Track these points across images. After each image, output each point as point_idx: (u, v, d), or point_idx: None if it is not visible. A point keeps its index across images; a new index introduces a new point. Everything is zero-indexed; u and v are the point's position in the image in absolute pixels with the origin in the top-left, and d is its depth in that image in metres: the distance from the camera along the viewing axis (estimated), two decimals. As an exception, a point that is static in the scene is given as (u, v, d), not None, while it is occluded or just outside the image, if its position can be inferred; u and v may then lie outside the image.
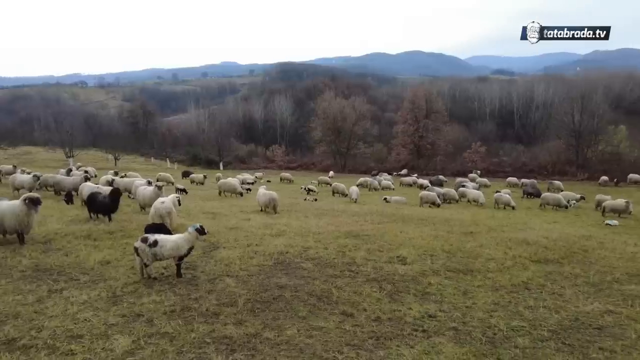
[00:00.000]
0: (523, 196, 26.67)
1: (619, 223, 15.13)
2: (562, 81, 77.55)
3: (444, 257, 8.07)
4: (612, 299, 5.74)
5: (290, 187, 33.44)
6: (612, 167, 42.91)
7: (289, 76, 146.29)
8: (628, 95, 75.44)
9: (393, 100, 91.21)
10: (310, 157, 65.05)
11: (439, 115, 58.09)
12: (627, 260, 8.35)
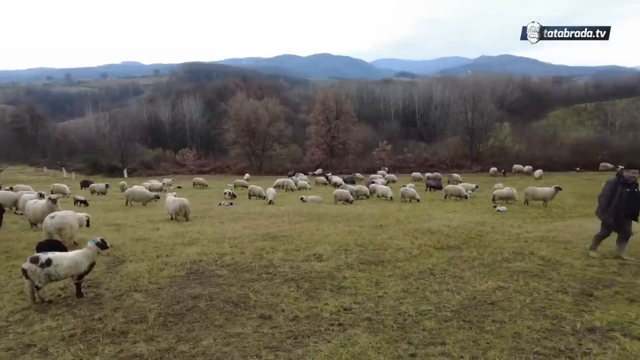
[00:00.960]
0: (426, 189, 28.83)
1: (507, 209, 17.06)
2: (456, 83, 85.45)
3: (357, 251, 8.41)
4: (502, 277, 6.46)
5: (204, 192, 32.23)
6: (500, 160, 48.53)
7: (198, 76, 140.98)
8: (509, 96, 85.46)
9: (305, 101, 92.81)
10: (225, 160, 63.33)
11: (349, 116, 60.28)
12: (514, 241, 9.44)
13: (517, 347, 4.02)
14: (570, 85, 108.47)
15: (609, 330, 4.41)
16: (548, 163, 44.60)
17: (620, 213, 7.50)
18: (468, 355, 3.88)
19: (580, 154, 46.80)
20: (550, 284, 6.04)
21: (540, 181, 31.16)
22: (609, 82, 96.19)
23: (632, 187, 7.50)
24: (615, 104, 68.70)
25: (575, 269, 6.82)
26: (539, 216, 14.97)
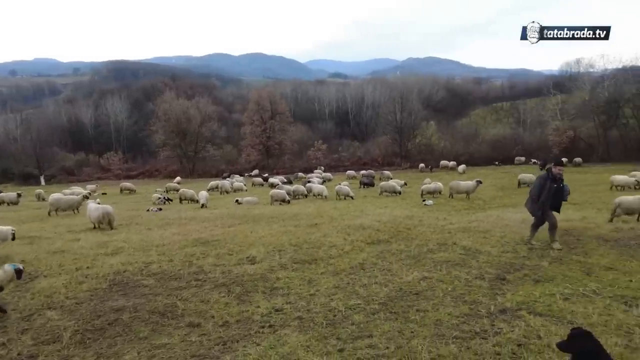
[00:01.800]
0: (360, 187, 29.66)
1: (434, 202, 18.06)
2: (386, 84, 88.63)
3: (291, 250, 8.42)
4: (426, 267, 6.81)
5: (131, 198, 30.47)
6: (427, 156, 51.33)
7: (123, 75, 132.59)
8: (434, 96, 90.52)
9: (239, 101, 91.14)
10: (154, 163, 60.39)
11: (284, 116, 60.28)
12: (438, 232, 9.99)
13: (439, 334, 4.26)
14: (488, 86, 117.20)
15: (517, 309, 4.82)
16: (470, 158, 48.08)
17: (547, 206, 7.97)
18: (393, 345, 4.03)
19: (498, 149, 50.92)
20: (470, 271, 6.48)
21: (463, 175, 33.36)
22: (521, 84, 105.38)
23: (559, 182, 7.94)
24: (526, 103, 75.45)
25: (492, 256, 7.38)
26: (462, 208, 16.01)
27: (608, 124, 46.24)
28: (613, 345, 3.84)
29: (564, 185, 8.00)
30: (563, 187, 7.96)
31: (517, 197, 18.92)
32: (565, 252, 7.42)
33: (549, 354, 3.69)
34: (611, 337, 4.02)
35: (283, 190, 22.85)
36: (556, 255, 7.30)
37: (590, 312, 4.67)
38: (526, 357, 3.69)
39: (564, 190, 7.98)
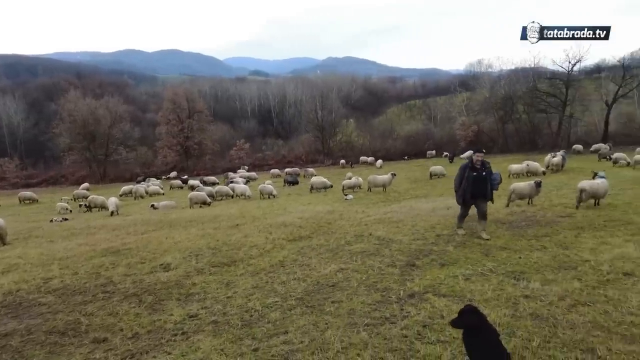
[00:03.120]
0: (284, 185, 29.69)
1: (354, 197, 18.65)
2: (307, 82, 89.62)
3: (209, 254, 8.17)
4: (343, 259, 7.03)
5: (32, 209, 27.43)
6: (348, 153, 52.92)
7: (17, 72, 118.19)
8: (353, 95, 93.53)
9: (154, 100, 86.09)
10: (59, 169, 54.77)
11: (203, 115, 58.09)
12: (356, 225, 10.36)
13: (351, 322, 4.42)
14: (402, 85, 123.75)
15: (424, 293, 5.17)
16: (387, 154, 50.55)
17: (467, 194, 7.92)
18: (307, 339, 4.10)
19: (412, 144, 54.16)
20: (383, 260, 6.81)
21: (381, 170, 34.90)
22: (432, 83, 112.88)
23: (479, 170, 7.85)
24: (436, 100, 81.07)
25: (403, 244, 7.82)
26: (379, 201, 16.74)
27: (505, 119, 51.27)
28: (502, 315, 4.29)
29: (492, 173, 7.97)
30: (491, 175, 7.93)
31: (428, 188, 20.30)
32: (468, 237, 8.10)
33: (449, 332, 4.00)
34: (501, 309, 4.48)
35: (203, 192, 22.09)
36: (460, 239, 7.95)
37: (486, 288, 5.16)
38: (430, 337, 3.97)
39: (492, 179, 7.92)
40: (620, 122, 48.83)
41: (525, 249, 7.00)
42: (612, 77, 48.92)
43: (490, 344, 2.88)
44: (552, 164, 22.88)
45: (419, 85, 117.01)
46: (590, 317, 4.16)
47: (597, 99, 50.72)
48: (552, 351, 3.56)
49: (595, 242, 7.09)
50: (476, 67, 69.78)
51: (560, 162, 22.80)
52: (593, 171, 12.45)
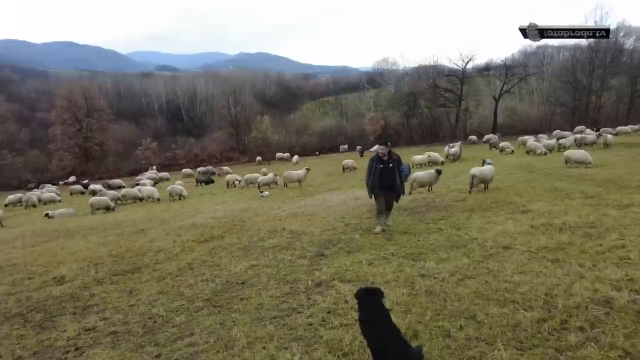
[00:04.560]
0: (197, 184, 28.61)
1: (270, 193, 18.61)
2: (218, 78, 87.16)
3: (110, 262, 7.60)
4: (255, 256, 7.01)
5: None
6: (264, 150, 52.62)
7: None
8: (267, 91, 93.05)
9: (46, 97, 77.05)
10: None
11: (104, 113, 53.56)
12: (270, 221, 10.37)
13: (259, 317, 4.43)
14: (316, 82, 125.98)
15: (331, 280, 5.37)
16: (303, 149, 51.27)
17: (376, 186, 7.79)
18: (213, 338, 4.04)
19: (326, 140, 55.62)
20: (294, 252, 6.92)
21: (297, 165, 35.26)
22: (342, 80, 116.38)
23: (385, 162, 7.72)
24: (347, 97, 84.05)
25: (314, 236, 8.02)
26: (294, 195, 16.92)
27: (409, 113, 54.92)
28: (400, 295, 4.61)
29: (401, 165, 7.86)
30: (400, 167, 7.80)
31: (341, 181, 21.00)
32: (372, 223, 8.55)
33: (352, 315, 4.20)
34: (400, 288, 4.82)
35: (106, 196, 20.42)
36: (367, 227, 8.37)
37: (387, 271, 5.50)
38: (333, 322, 4.14)
39: (400, 170, 7.79)
40: (506, 115, 55.02)
41: (424, 232, 7.60)
42: (498, 75, 54.82)
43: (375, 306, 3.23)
44: (450, 154, 25.06)
45: (331, 82, 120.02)
46: (474, 288, 4.65)
47: (488, 94, 56.51)
48: (442, 322, 3.91)
49: (482, 222, 7.93)
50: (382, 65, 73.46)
51: (457, 152, 25.06)
52: (483, 159, 13.87)
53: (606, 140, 22.91)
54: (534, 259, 5.43)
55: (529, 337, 3.48)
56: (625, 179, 11.34)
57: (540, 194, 10.40)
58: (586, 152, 16.10)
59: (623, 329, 3.45)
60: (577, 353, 3.18)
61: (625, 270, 4.69)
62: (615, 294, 4.09)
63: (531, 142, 25.27)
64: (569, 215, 7.68)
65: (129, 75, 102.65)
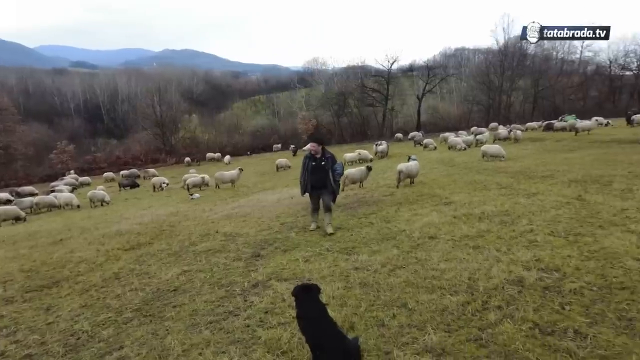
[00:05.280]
0: (120, 189, 26.86)
1: (201, 195, 18.00)
2: (142, 75, 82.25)
3: (22, 278, 6.89)
4: (187, 261, 6.75)
5: None
6: (193, 150, 50.77)
7: None
8: (195, 89, 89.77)
9: None
10: None
11: (9, 113, 48.13)
12: (202, 224, 10.05)
13: (194, 323, 4.29)
14: (246, 80, 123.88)
15: (267, 280, 5.34)
16: (234, 149, 50.34)
17: (308, 184, 7.64)
18: (145, 349, 3.83)
19: (258, 139, 55.14)
20: (229, 255, 6.78)
21: (229, 166, 34.52)
22: (273, 79, 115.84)
23: (318, 160, 7.55)
24: (279, 96, 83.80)
25: (250, 237, 7.92)
26: (227, 197, 16.54)
27: (340, 113, 56.15)
28: (336, 289, 4.71)
29: (335, 164, 7.62)
30: (333, 166, 7.57)
31: (275, 181, 20.93)
32: (308, 220, 8.63)
33: (289, 313, 4.22)
34: (335, 282, 4.92)
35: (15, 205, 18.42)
36: (302, 225, 8.43)
37: (322, 267, 5.60)
38: (271, 321, 4.12)
39: (333, 169, 7.56)
40: (429, 113, 58.43)
41: (356, 226, 7.83)
42: (421, 75, 58.03)
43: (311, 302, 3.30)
44: (378, 151, 26.05)
45: (262, 80, 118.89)
46: (404, 277, 4.89)
47: (412, 93, 59.54)
48: (376, 312, 4.07)
49: (410, 214, 8.35)
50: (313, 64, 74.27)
51: (385, 150, 26.11)
52: (408, 155, 14.61)
53: (516, 135, 25.23)
54: (458, 247, 5.83)
55: (455, 320, 3.74)
56: (532, 170, 12.58)
57: (460, 187, 11.19)
58: (500, 147, 17.60)
59: (532, 304, 3.84)
60: (496, 329, 3.48)
61: (534, 252, 5.22)
62: (526, 274, 4.54)
63: (452, 138, 27.10)
64: (487, 205, 8.35)
65: (38, 71, 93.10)
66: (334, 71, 67.31)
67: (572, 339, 3.24)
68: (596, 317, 3.53)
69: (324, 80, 64.99)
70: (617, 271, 4.39)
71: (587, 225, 6.18)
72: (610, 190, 8.48)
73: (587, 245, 5.29)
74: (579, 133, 25.24)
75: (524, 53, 58.29)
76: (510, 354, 3.12)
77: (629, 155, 13.84)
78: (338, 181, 7.73)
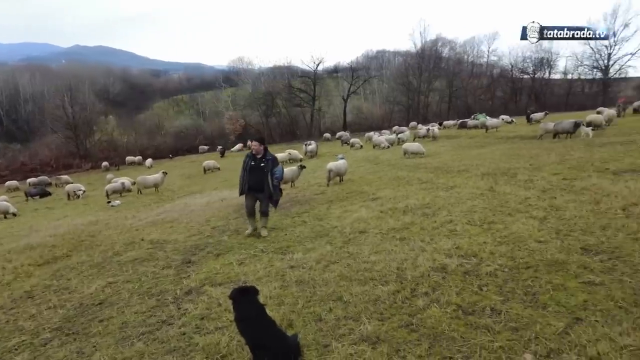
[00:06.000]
0: (27, 199, 24.24)
1: (122, 202, 16.89)
2: (49, 73, 74.81)
3: None
4: (111, 272, 6.33)
5: None
6: (111, 154, 47.30)
7: None
8: (111, 89, 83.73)
9: None
10: None
11: None
12: (126, 232, 9.45)
13: (124, 336, 4.06)
14: (167, 79, 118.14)
15: (201, 286, 5.20)
16: (157, 151, 47.84)
17: (245, 184, 7.31)
18: (70, 369, 3.57)
19: (182, 140, 52.95)
20: (157, 263, 6.48)
21: (152, 169, 32.76)
22: (197, 77, 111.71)
23: (258, 160, 7.23)
24: (204, 95, 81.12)
25: (179, 243, 7.63)
26: (152, 202, 15.72)
27: (268, 113, 55.90)
28: (273, 289, 4.74)
29: (275, 166, 7.25)
30: (272, 169, 7.21)
31: (203, 183, 20.30)
32: (241, 223, 8.53)
33: (227, 317, 4.16)
34: (272, 283, 4.95)
35: None
36: (235, 228, 8.31)
37: (258, 268, 5.58)
38: (208, 327, 4.04)
39: (272, 172, 7.20)
40: (354, 114, 60.34)
41: (290, 226, 7.91)
42: (346, 76, 59.73)
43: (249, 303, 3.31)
44: (308, 151, 26.37)
45: (185, 79, 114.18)
46: (338, 272, 5.05)
47: (337, 94, 61.05)
48: (313, 308, 4.17)
49: (340, 211, 8.61)
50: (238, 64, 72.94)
51: (314, 149, 26.50)
52: (336, 154, 15.02)
53: (434, 133, 26.99)
54: (386, 239, 6.15)
55: (387, 308, 3.97)
56: (449, 166, 13.58)
57: (386, 183, 11.75)
58: (420, 145, 18.73)
59: (455, 288, 4.20)
60: (425, 314, 3.75)
61: (454, 240, 5.67)
62: (448, 261, 4.93)
63: (376, 137, 28.29)
64: (410, 199, 8.88)
65: None
66: (261, 71, 66.76)
67: (490, 316, 3.60)
68: (508, 294, 3.95)
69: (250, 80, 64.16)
70: (523, 253, 4.94)
71: (498, 213, 6.84)
72: (516, 181, 9.45)
73: (498, 231, 5.86)
74: (488, 130, 27.66)
75: (439, 56, 62.65)
76: (438, 335, 3.39)
77: (529, 149, 15.48)
78: (277, 185, 7.35)
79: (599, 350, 2.92)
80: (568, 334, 3.18)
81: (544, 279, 4.16)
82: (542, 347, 3.06)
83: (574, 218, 6.00)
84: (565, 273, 4.23)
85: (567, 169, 10.17)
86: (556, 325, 3.29)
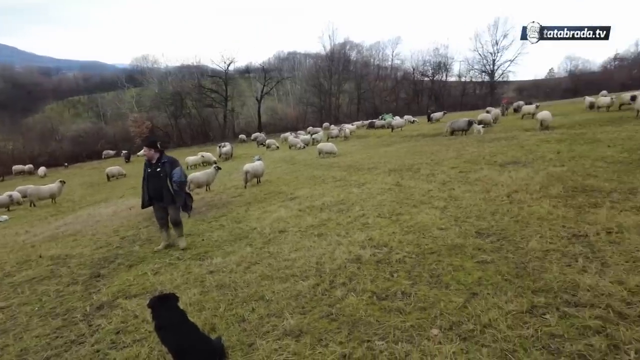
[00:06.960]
0: None
1: (9, 217, 14.98)
2: None
3: None
4: (2, 295, 5.66)
5: None
6: None
7: None
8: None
9: None
10: None
11: None
12: (19, 250, 8.47)
13: (25, 362, 3.71)
14: (60, 78, 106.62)
15: (114, 300, 4.91)
16: (51, 158, 43.01)
17: (145, 194, 6.73)
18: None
19: (82, 145, 48.22)
20: (61, 280, 5.94)
21: (46, 179, 29.42)
22: (96, 77, 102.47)
23: (153, 166, 6.60)
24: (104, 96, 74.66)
25: (85, 257, 7.05)
26: (48, 215, 14.18)
27: (177, 114, 53.35)
28: (192, 295, 4.65)
29: (171, 169, 6.52)
30: (169, 172, 6.50)
31: (108, 192, 18.79)
32: (153, 231, 8.14)
33: (145, 328, 4.01)
34: (191, 289, 4.85)
35: None
36: (146, 237, 7.90)
37: (175, 276, 5.41)
38: (125, 340, 3.86)
39: (169, 176, 6.49)
40: (268, 115, 60.24)
41: (207, 230, 7.74)
42: (258, 77, 59.38)
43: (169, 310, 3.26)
44: (222, 153, 25.78)
45: (81, 79, 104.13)
46: (260, 272, 5.12)
47: (251, 95, 60.41)
48: (235, 310, 4.19)
49: (259, 212, 8.64)
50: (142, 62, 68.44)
51: (229, 151, 25.99)
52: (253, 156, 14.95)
53: (345, 134, 28.09)
54: (305, 237, 6.35)
55: (309, 301, 4.14)
56: (361, 164, 14.30)
57: (302, 182, 12.03)
58: (333, 145, 19.39)
59: (369, 277, 4.52)
60: (343, 303, 3.99)
61: (367, 233, 6.06)
62: (362, 252, 5.27)
63: (291, 138, 28.63)
64: (326, 196, 9.22)
65: None
66: (167, 70, 63.36)
67: (401, 299, 3.95)
68: (416, 278, 4.36)
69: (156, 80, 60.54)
70: (427, 240, 5.46)
71: (405, 205, 7.43)
72: (420, 175, 10.30)
73: (405, 222, 6.39)
74: (394, 130, 29.51)
75: (348, 59, 65.22)
76: (356, 321, 3.65)
77: (431, 146, 16.89)
78: (177, 190, 6.58)
79: (490, 318, 3.39)
80: (466, 307, 3.63)
81: (446, 261, 4.67)
82: (445, 321, 3.46)
83: (470, 206, 6.76)
84: (463, 255, 4.79)
85: (463, 162, 11.34)
86: (457, 301, 3.74)
